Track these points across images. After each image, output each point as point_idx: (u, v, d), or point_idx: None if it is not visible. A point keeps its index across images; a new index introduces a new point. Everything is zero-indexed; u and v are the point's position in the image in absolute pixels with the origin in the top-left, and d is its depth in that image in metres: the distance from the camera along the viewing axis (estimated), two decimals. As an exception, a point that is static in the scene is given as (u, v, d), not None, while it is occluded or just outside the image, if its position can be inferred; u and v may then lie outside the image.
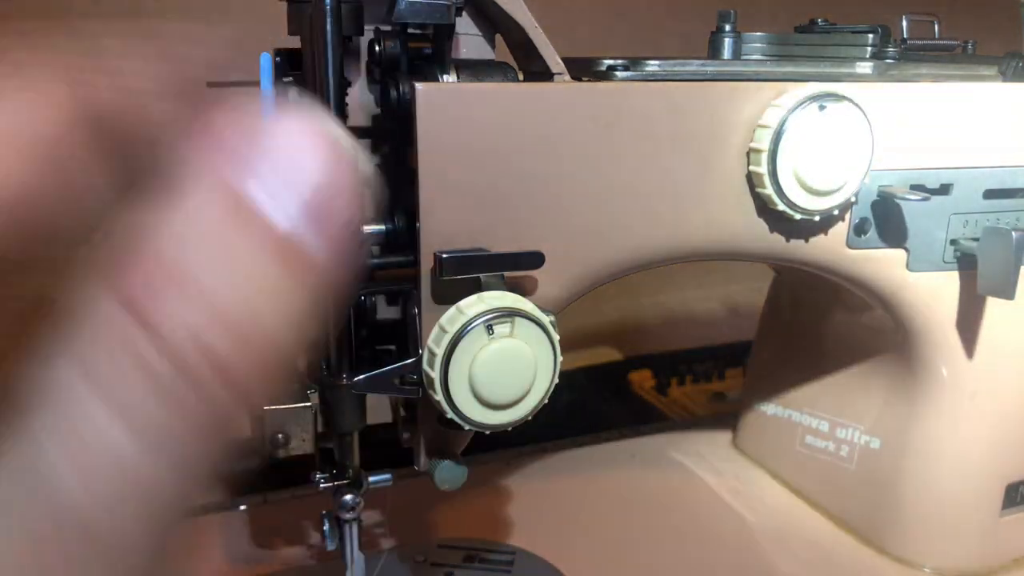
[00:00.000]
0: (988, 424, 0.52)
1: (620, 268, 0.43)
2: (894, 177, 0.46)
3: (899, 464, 0.54)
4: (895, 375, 0.54)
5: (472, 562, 0.52)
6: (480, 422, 0.37)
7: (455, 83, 0.39)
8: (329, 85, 0.38)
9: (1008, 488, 0.53)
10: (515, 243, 0.39)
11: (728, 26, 0.46)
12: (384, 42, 0.40)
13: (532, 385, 0.37)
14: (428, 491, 0.58)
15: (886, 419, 0.55)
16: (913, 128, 0.45)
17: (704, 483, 0.63)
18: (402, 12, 0.36)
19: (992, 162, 0.48)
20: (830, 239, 0.46)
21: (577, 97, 0.39)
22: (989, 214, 0.48)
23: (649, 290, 1.06)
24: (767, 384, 0.65)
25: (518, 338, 0.36)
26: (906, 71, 0.46)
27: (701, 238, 0.43)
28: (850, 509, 0.57)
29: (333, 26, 0.37)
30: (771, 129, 0.41)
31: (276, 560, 0.52)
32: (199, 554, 0.18)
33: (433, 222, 0.38)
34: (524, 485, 0.62)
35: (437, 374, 0.36)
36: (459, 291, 0.37)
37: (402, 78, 0.39)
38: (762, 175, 0.41)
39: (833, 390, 0.59)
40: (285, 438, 0.42)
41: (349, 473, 0.45)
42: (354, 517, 0.45)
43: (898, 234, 0.47)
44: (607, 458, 0.66)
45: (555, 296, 0.41)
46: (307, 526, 0.56)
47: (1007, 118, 0.47)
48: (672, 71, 0.42)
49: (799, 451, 0.61)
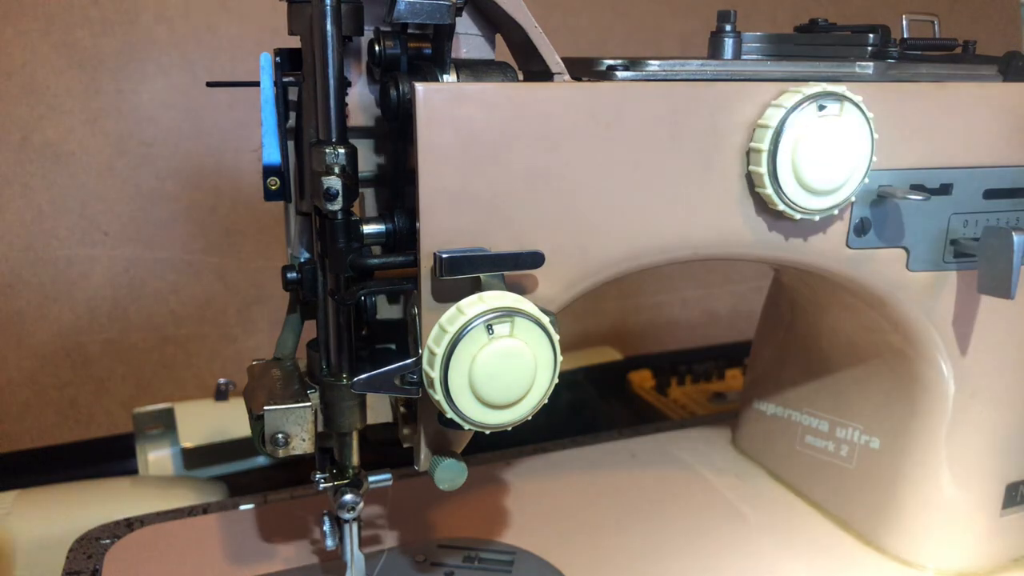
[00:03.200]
0: (988, 424, 0.52)
1: (620, 268, 0.43)
2: (894, 177, 0.46)
3: (899, 464, 0.54)
4: (895, 375, 0.54)
5: (472, 562, 0.52)
6: (480, 422, 0.37)
7: (455, 83, 0.39)
8: (329, 85, 0.38)
9: (1008, 488, 0.53)
10: (515, 243, 0.39)
11: (728, 26, 0.46)
12: (384, 42, 0.40)
13: (532, 385, 0.37)
14: (428, 491, 0.59)
15: (886, 419, 0.55)
16: (913, 128, 0.45)
17: (704, 483, 0.63)
18: (402, 12, 0.36)
19: (992, 162, 0.48)
20: (830, 239, 0.46)
21: (577, 97, 0.39)
22: (989, 214, 0.48)
23: (649, 290, 1.06)
24: (767, 384, 0.65)
25: (518, 338, 0.36)
26: (906, 71, 0.46)
27: (701, 238, 0.43)
28: (850, 509, 0.57)
29: (333, 26, 0.37)
30: (771, 129, 0.41)
31: (276, 560, 0.52)
32: (199, 554, 0.18)
33: (433, 222, 0.38)
34: (524, 485, 0.62)
35: (437, 374, 0.36)
36: (459, 291, 0.38)
37: (402, 78, 0.39)
38: (762, 175, 0.41)
39: (833, 390, 0.59)
40: (285, 438, 0.42)
41: (349, 473, 0.45)
42: (354, 517, 0.45)
43: (898, 234, 0.47)
44: (607, 458, 0.66)
45: (555, 296, 0.41)
46: (307, 526, 0.56)
47: (1007, 118, 0.47)
48: (672, 71, 0.42)
49: (799, 451, 0.61)
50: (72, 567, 0.51)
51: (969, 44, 0.51)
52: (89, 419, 0.84)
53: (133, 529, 0.55)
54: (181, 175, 0.82)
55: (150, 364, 0.85)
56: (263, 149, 0.43)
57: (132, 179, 0.80)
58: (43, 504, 0.61)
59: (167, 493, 0.63)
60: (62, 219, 0.79)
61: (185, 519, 0.57)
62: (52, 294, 0.80)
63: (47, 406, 0.83)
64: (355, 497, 0.44)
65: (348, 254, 0.39)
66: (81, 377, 0.83)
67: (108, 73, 0.78)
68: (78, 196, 0.79)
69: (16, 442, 0.82)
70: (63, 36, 0.75)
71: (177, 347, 0.86)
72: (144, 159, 0.80)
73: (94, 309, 0.82)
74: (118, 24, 0.77)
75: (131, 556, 0.53)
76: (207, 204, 0.83)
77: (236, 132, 0.83)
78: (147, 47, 0.78)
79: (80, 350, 0.82)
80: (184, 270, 0.84)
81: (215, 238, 0.84)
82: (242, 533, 0.55)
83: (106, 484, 0.65)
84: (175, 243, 0.83)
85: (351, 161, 0.39)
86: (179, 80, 0.80)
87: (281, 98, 0.42)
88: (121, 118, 0.79)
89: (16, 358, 0.80)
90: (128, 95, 0.79)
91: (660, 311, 1.07)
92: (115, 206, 0.80)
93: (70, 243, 0.80)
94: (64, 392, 0.83)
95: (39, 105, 0.76)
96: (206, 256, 0.85)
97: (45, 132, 0.77)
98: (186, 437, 0.71)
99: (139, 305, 0.83)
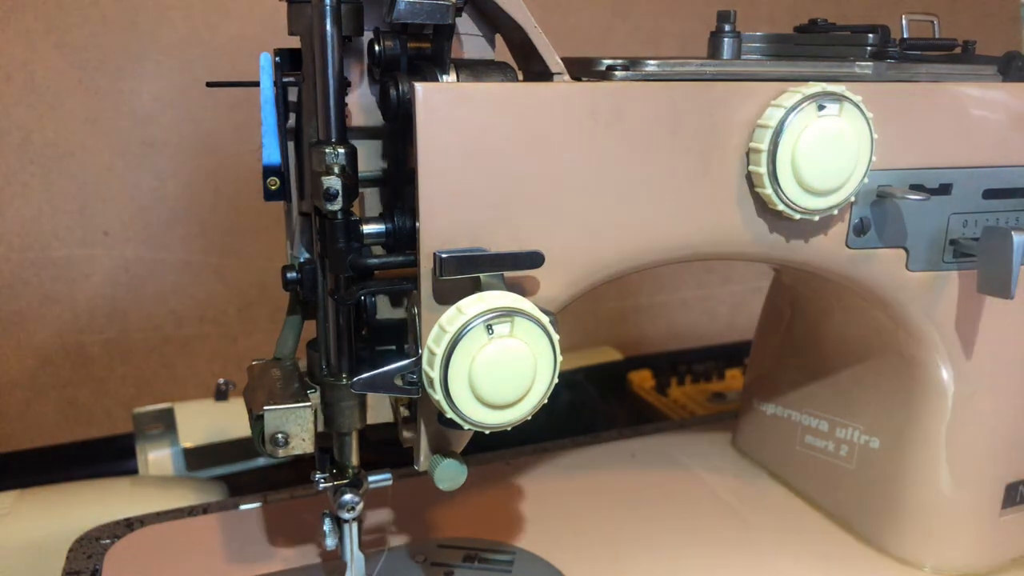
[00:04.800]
0: (988, 424, 0.52)
1: (620, 268, 0.43)
2: (894, 177, 0.46)
3: (899, 464, 0.54)
4: (895, 375, 0.54)
5: (472, 562, 0.52)
6: (480, 422, 0.37)
7: (455, 83, 0.39)
8: (329, 85, 0.38)
9: (1008, 488, 0.53)
10: (515, 243, 0.39)
11: (728, 26, 0.46)
12: (384, 42, 0.40)
13: (532, 385, 0.37)
14: (428, 491, 0.59)
15: (886, 419, 0.55)
16: (913, 128, 0.45)
17: (704, 483, 0.63)
18: (402, 12, 0.36)
19: (992, 162, 0.48)
20: (830, 239, 0.46)
21: (577, 97, 0.39)
22: (989, 214, 0.48)
23: (649, 290, 1.06)
24: (767, 384, 0.65)
25: (518, 338, 0.36)
26: (906, 71, 0.46)
27: (701, 238, 0.43)
28: (850, 509, 0.57)
29: (333, 26, 0.37)
30: (771, 129, 0.41)
31: (276, 560, 0.52)
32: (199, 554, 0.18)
33: (433, 222, 0.38)
34: (524, 485, 0.62)
35: (437, 374, 0.36)
36: (459, 291, 0.38)
37: (402, 78, 0.39)
38: (762, 175, 0.41)
39: (833, 390, 0.59)
40: (285, 438, 0.42)
41: (349, 473, 0.45)
42: (354, 517, 0.45)
43: (898, 234, 0.47)
44: (607, 458, 0.66)
45: (555, 296, 0.41)
46: (307, 526, 0.56)
47: (1007, 118, 0.47)
48: (672, 71, 0.42)
49: (799, 451, 0.61)
50: (72, 567, 0.51)
51: (969, 44, 0.51)
52: (89, 419, 0.84)
53: (133, 529, 0.55)
54: (181, 175, 0.82)
55: (150, 364, 0.85)
56: (263, 149, 0.43)
57: (132, 179, 0.80)
58: (43, 504, 0.61)
59: (167, 493, 0.63)
60: (62, 219, 0.79)
61: (185, 519, 0.57)
62: (52, 294, 0.80)
63: (47, 406, 0.83)
64: (355, 497, 0.44)
65: (348, 254, 0.39)
66: (81, 377, 0.83)
67: (108, 73, 0.78)
68: (78, 196, 0.79)
69: (16, 442, 0.82)
70: (63, 36, 0.75)
71: (177, 347, 0.86)
72: (144, 159, 0.80)
73: (94, 309, 0.82)
74: (118, 24, 0.77)
75: (131, 556, 0.53)
76: (207, 204, 0.83)
77: (236, 132, 0.83)
78: (147, 47, 0.78)
79: (80, 350, 0.82)
80: (184, 270, 0.84)
81: (215, 238, 0.84)
82: (242, 533, 0.55)
83: (106, 484, 0.65)
84: (175, 243, 0.83)
85: (351, 161, 0.39)
86: (179, 80, 0.80)
87: (281, 98, 0.42)
88: (121, 118, 0.79)
89: (16, 358, 0.80)
90: (128, 95, 0.79)
91: (660, 311, 1.07)
92: (115, 206, 0.80)
93: (70, 243, 0.80)
94: (64, 392, 0.83)
95: (39, 105, 0.76)
96: (206, 256, 0.85)
97: (45, 132, 0.77)
98: (186, 437, 0.71)
99: (139, 305, 0.83)
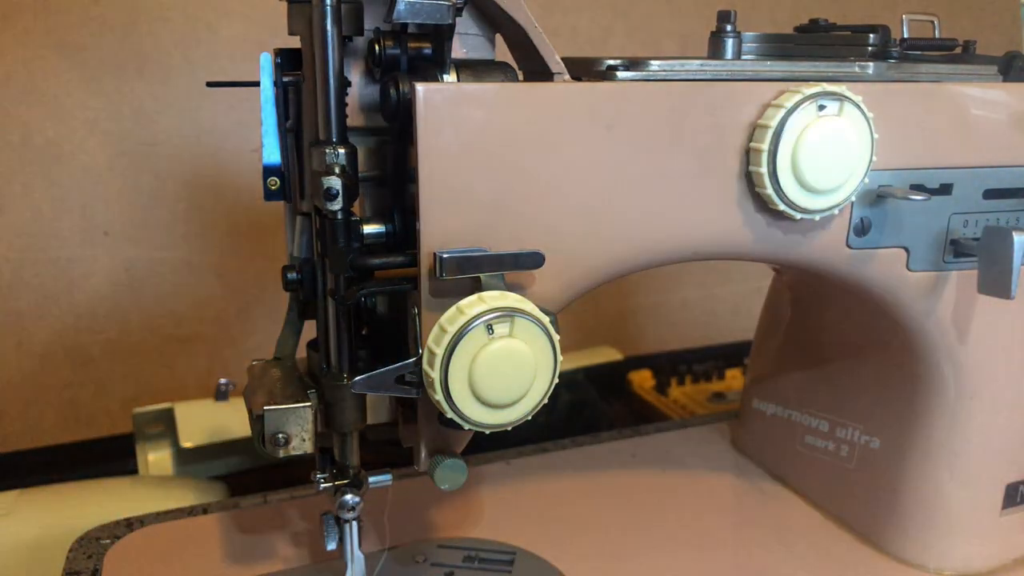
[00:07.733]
0: (988, 424, 0.52)
1: (620, 268, 0.43)
2: (894, 177, 0.46)
3: (899, 464, 0.54)
4: (895, 375, 0.54)
5: (472, 562, 0.52)
6: (480, 422, 0.37)
7: (455, 83, 0.39)
8: (329, 85, 0.38)
9: (1008, 488, 0.53)
10: (515, 243, 0.39)
11: (728, 26, 0.46)
12: (384, 42, 0.40)
13: (532, 385, 0.37)
14: (428, 491, 0.59)
15: (886, 419, 0.55)
16: (913, 128, 0.45)
17: (704, 483, 0.63)
18: (402, 12, 0.36)
19: (992, 162, 0.48)
20: (830, 239, 0.46)
21: (577, 97, 0.39)
22: (989, 214, 0.48)
23: (649, 290, 1.06)
24: (767, 384, 0.65)
25: (518, 338, 0.36)
26: (906, 71, 0.46)
27: (701, 238, 0.43)
28: (850, 509, 0.57)
29: (333, 26, 0.37)
30: (771, 129, 0.41)
31: (276, 560, 0.52)
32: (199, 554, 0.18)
33: (433, 222, 0.38)
34: (524, 485, 0.62)
35: (437, 374, 0.36)
36: (459, 291, 0.37)
37: (402, 78, 0.39)
38: (762, 175, 0.41)
39: (833, 390, 0.59)
40: (285, 438, 0.42)
41: (349, 473, 0.45)
42: (354, 517, 0.45)
43: (898, 234, 0.47)
44: (607, 458, 0.66)
45: (555, 296, 0.41)
46: (307, 526, 0.56)
47: (1007, 118, 0.47)
48: (672, 71, 0.42)
49: (799, 451, 0.61)
50: (72, 567, 0.51)
51: (969, 44, 0.51)
52: (89, 419, 0.84)
53: (133, 529, 0.55)
54: (181, 175, 0.82)
55: (150, 364, 0.85)
56: (263, 149, 0.43)
57: (132, 179, 0.80)
58: (43, 504, 0.61)
59: (167, 493, 0.63)
60: (62, 219, 0.79)
61: (185, 519, 0.57)
62: (52, 294, 0.80)
63: (47, 406, 0.83)
64: (355, 497, 0.44)
65: (348, 254, 0.39)
66: (81, 377, 0.83)
67: (108, 73, 0.78)
68: (78, 196, 0.79)
69: (16, 442, 0.82)
70: (63, 36, 0.75)
71: (177, 347, 0.86)
72: (144, 159, 0.80)
73: (94, 309, 0.82)
74: (118, 24, 0.77)
75: (131, 556, 0.53)
76: (207, 204, 0.83)
77: (236, 132, 0.83)
78: (147, 47, 0.78)
79: (80, 350, 0.82)
80: (184, 270, 0.84)
81: (215, 238, 0.84)
82: (242, 533, 0.55)
83: (106, 484, 0.65)
84: (175, 243, 0.83)
85: (351, 161, 0.39)
86: (179, 80, 0.80)
87: (281, 98, 0.42)
88: (121, 118, 0.79)
89: (16, 358, 0.80)
90: (128, 95, 0.79)
91: (660, 311, 1.07)
92: (115, 206, 0.80)
93: (70, 243, 0.80)
94: (64, 392, 0.83)
95: (39, 105, 0.76)
96: (206, 256, 0.85)
97: (45, 132, 0.77)
98: (186, 437, 0.71)
99: (139, 305, 0.83)
